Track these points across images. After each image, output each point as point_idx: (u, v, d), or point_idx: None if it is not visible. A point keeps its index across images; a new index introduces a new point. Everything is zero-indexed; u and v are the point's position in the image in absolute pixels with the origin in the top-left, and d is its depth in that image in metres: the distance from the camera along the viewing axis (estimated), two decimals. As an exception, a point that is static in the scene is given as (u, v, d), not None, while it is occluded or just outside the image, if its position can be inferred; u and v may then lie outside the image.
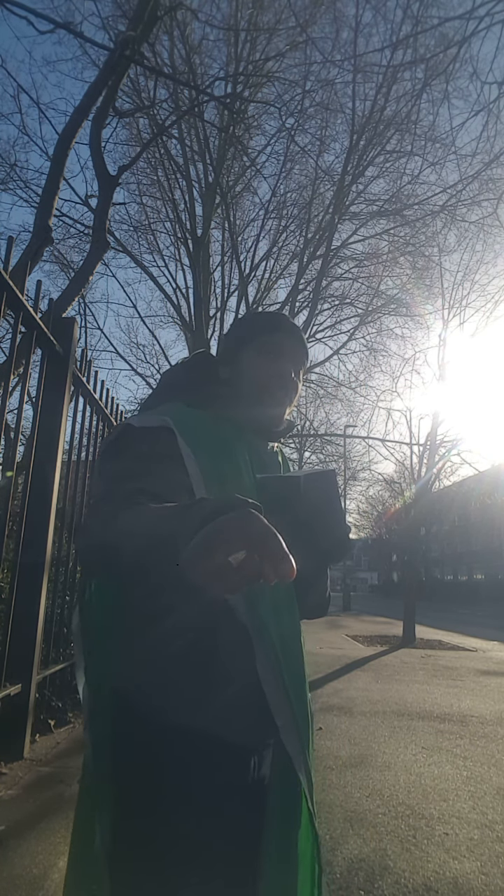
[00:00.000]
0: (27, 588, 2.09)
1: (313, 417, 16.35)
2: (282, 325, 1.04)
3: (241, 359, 1.01)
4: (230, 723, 0.80)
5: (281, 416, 1.01)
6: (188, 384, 1.00)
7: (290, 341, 1.02)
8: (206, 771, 0.79)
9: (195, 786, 0.79)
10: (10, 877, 1.08)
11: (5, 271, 1.76)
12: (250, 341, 1.02)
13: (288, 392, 1.01)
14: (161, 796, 0.78)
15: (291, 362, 1.01)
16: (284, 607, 0.87)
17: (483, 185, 8.62)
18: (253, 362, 1.00)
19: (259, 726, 0.82)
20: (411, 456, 11.65)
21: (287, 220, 10.91)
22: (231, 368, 1.02)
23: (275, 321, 1.05)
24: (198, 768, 0.79)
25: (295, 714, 0.82)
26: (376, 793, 2.68)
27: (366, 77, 7.61)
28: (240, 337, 1.05)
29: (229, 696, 0.80)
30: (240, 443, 0.94)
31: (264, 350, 1.00)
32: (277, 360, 1.00)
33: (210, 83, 7.61)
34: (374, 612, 21.87)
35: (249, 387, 0.99)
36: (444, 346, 10.93)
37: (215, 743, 0.79)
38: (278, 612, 0.85)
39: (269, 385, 0.99)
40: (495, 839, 2.21)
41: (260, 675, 0.80)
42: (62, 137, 4.45)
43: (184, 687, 0.80)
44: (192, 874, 0.76)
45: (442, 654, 8.51)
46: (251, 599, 0.82)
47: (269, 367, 0.99)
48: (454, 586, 37.15)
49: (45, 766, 1.83)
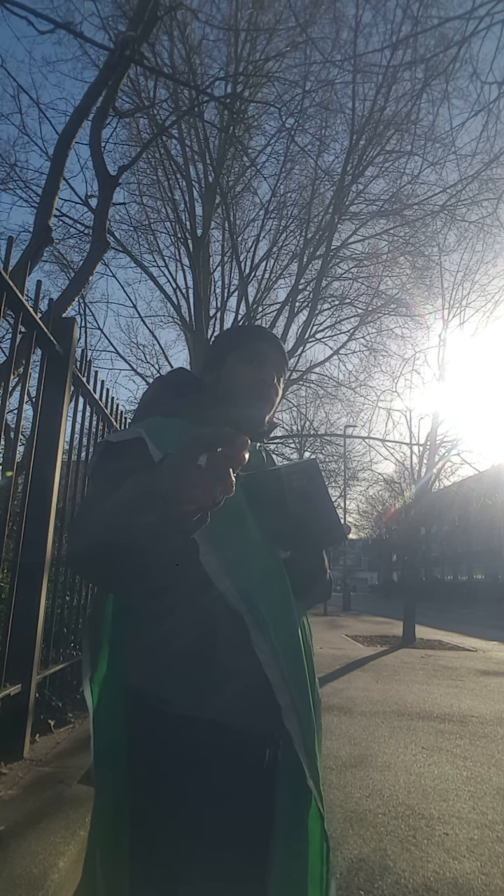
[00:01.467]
0: (27, 588, 2.09)
1: (313, 417, 16.36)
2: (264, 335, 1.12)
3: (226, 366, 1.09)
4: (241, 710, 0.85)
5: (263, 417, 1.08)
6: (167, 397, 1.08)
7: (271, 350, 1.10)
8: (220, 761, 0.85)
9: (211, 776, 0.84)
10: (10, 877, 1.08)
11: (5, 271, 1.76)
12: (234, 349, 1.10)
13: (270, 396, 1.08)
14: (175, 791, 0.83)
15: (273, 368, 1.09)
16: (278, 597, 0.92)
17: (483, 184, 8.61)
18: (237, 368, 1.07)
19: (269, 712, 0.87)
20: (411, 456, 11.67)
21: (287, 220, 10.90)
22: (215, 374, 1.10)
23: (257, 332, 1.14)
24: (211, 758, 0.84)
25: (293, 697, 0.87)
26: (376, 793, 2.68)
27: (366, 77, 7.61)
28: (224, 346, 1.12)
29: (238, 684, 0.85)
30: None
31: (247, 357, 1.08)
32: (261, 366, 1.07)
33: (210, 83, 7.60)
34: (374, 612, 21.88)
35: (233, 390, 1.06)
36: (444, 346, 10.95)
37: (228, 732, 0.85)
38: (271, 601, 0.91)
39: (254, 388, 1.06)
40: (495, 839, 2.21)
41: (260, 660, 0.85)
42: (62, 137, 4.45)
43: (191, 678, 0.85)
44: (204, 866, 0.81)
45: (442, 654, 8.51)
46: (246, 591, 0.87)
47: (253, 372, 1.06)
48: (454, 586, 37.14)
49: (45, 766, 1.83)
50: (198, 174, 10.47)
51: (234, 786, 0.85)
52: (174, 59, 8.75)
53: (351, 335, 11.97)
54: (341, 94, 8.12)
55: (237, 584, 0.87)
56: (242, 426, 1.02)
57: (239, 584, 0.87)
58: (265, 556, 0.94)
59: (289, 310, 10.76)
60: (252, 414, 1.06)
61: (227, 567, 0.87)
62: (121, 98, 5.99)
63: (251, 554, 0.91)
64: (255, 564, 0.92)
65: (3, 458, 5.83)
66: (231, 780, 0.85)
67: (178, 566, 0.83)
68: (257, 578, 0.90)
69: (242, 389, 1.05)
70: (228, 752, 0.85)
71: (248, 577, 0.89)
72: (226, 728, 0.85)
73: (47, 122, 12.88)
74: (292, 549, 1.00)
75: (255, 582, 0.89)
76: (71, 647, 2.86)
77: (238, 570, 0.88)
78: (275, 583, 0.93)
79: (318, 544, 1.03)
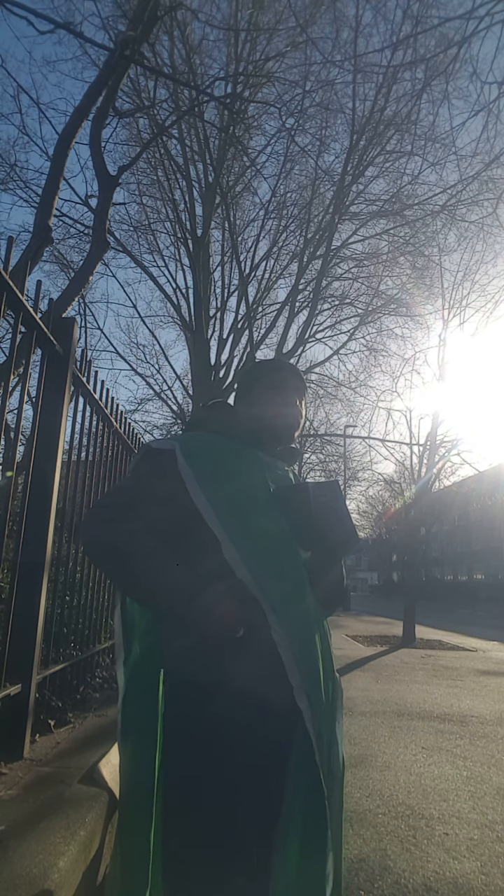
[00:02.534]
0: (27, 588, 2.09)
1: (313, 417, 16.34)
2: (284, 366, 1.34)
3: (255, 396, 1.28)
4: (264, 680, 0.98)
5: (291, 437, 1.28)
6: (210, 419, 1.27)
7: (292, 377, 1.30)
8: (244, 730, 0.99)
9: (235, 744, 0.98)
10: (10, 877, 1.08)
11: (5, 271, 1.76)
12: (260, 380, 1.29)
13: (295, 417, 1.27)
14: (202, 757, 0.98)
15: (295, 393, 1.28)
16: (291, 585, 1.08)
17: (483, 184, 8.61)
18: (264, 395, 1.26)
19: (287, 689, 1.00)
20: (411, 456, 11.66)
21: (287, 220, 10.90)
22: (246, 404, 1.29)
23: (279, 364, 1.38)
24: (237, 728, 0.99)
25: (303, 678, 1.00)
26: (376, 793, 2.68)
27: (366, 77, 7.61)
28: (252, 378, 1.32)
29: (261, 661, 0.99)
30: (254, 456, 1.20)
31: (272, 385, 1.27)
32: (284, 392, 1.26)
33: (210, 83, 7.60)
34: (374, 612, 21.86)
35: (264, 415, 1.24)
36: (444, 346, 10.94)
37: (252, 705, 0.98)
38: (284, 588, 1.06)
39: (280, 412, 1.24)
40: (495, 839, 2.21)
41: (275, 640, 1.00)
42: (62, 137, 4.44)
43: (220, 656, 1.00)
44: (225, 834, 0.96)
45: (442, 654, 8.51)
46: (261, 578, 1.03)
47: (278, 398, 1.25)
48: (454, 586, 37.14)
49: (45, 766, 1.83)
50: (198, 174, 10.48)
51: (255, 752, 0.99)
52: (174, 59, 8.76)
53: (351, 335, 11.99)
54: (341, 94, 8.13)
55: (253, 571, 1.02)
56: (266, 448, 1.24)
57: (255, 571, 1.02)
58: (283, 548, 1.10)
59: (289, 310, 10.77)
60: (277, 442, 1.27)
61: (246, 557, 1.03)
62: (121, 98, 6.00)
63: (268, 546, 1.07)
64: (271, 555, 1.07)
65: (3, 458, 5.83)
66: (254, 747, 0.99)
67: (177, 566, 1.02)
68: (272, 567, 1.06)
69: (270, 417, 1.24)
70: (253, 722, 0.99)
71: (263, 566, 1.04)
72: (250, 698, 0.98)
73: (47, 122, 12.91)
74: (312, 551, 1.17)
75: (269, 570, 1.04)
76: (71, 647, 2.86)
77: (254, 559, 1.03)
78: (290, 572, 1.08)
79: (335, 552, 1.19)
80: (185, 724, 1.00)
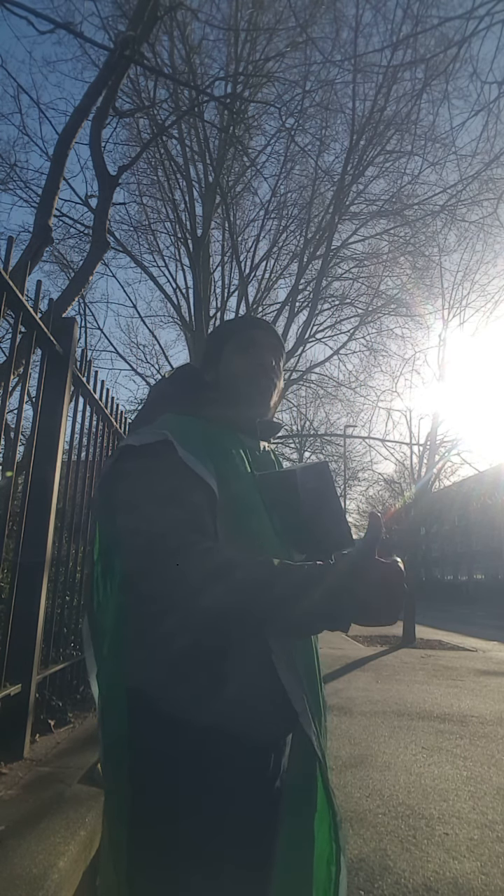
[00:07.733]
0: (27, 588, 2.09)
1: (313, 417, 16.37)
2: (256, 323, 1.13)
3: (223, 359, 1.07)
4: (245, 716, 0.82)
5: (267, 405, 1.07)
6: (177, 394, 1.05)
7: (263, 334, 1.09)
8: (222, 767, 0.82)
9: (210, 782, 0.81)
10: (10, 877, 1.08)
11: (5, 271, 1.76)
12: (228, 341, 1.09)
13: (271, 380, 1.07)
14: (175, 795, 0.81)
15: (269, 352, 1.08)
16: None
17: (483, 184, 8.61)
18: (234, 359, 1.06)
19: (275, 718, 0.85)
20: (411, 456, 11.66)
21: (287, 220, 10.90)
22: (215, 370, 1.08)
23: (247, 320, 1.20)
24: (213, 764, 0.82)
25: (309, 702, 0.86)
26: (376, 793, 2.68)
27: (366, 77, 7.60)
28: (218, 340, 1.11)
29: (242, 688, 0.82)
30: (235, 443, 0.99)
31: (242, 345, 1.07)
32: (256, 352, 1.06)
33: (210, 83, 7.61)
34: (374, 612, 21.79)
35: (234, 385, 1.04)
36: (444, 346, 10.93)
37: (231, 738, 0.82)
38: None
39: (254, 375, 1.04)
40: (495, 839, 2.21)
41: (275, 664, 0.83)
42: (62, 137, 4.44)
43: (194, 681, 0.82)
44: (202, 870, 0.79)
45: (442, 654, 8.51)
46: None
47: (249, 359, 1.05)
48: (454, 586, 37.10)
49: (45, 766, 1.83)
50: (198, 174, 10.47)
51: (234, 791, 0.82)
52: (174, 59, 8.75)
53: (351, 335, 11.98)
54: (341, 94, 8.12)
55: None
56: (243, 425, 1.02)
57: None
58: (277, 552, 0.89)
59: (289, 310, 10.76)
60: (254, 414, 1.04)
61: None
62: (121, 98, 6.00)
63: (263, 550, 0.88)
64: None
65: (3, 458, 5.82)
66: (231, 785, 0.82)
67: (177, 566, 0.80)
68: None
69: (243, 384, 1.04)
70: (229, 758, 0.82)
71: None
72: (225, 734, 0.81)
73: (47, 122, 12.92)
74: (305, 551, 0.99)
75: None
76: (71, 647, 2.86)
77: None
78: None
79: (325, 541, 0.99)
80: (147, 759, 0.83)
